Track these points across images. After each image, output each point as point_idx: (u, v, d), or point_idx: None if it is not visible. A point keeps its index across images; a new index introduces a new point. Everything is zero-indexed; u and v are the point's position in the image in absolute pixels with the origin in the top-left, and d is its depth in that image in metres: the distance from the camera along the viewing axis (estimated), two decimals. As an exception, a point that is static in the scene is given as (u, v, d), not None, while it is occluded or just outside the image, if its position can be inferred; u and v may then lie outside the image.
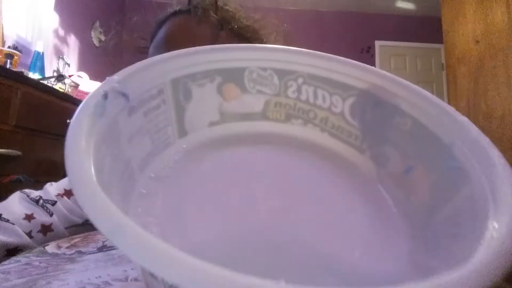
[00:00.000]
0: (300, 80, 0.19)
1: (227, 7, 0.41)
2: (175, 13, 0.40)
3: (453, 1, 2.30)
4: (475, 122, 0.30)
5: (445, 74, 2.57)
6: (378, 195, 0.16)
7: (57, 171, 1.44)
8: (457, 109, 0.32)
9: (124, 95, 0.14)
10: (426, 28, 3.65)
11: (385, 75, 0.17)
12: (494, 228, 0.09)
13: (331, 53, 0.24)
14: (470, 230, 0.09)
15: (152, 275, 0.10)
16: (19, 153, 1.27)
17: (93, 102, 0.12)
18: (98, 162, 0.11)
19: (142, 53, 0.43)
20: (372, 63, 3.62)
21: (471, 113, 2.08)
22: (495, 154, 0.12)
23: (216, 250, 0.13)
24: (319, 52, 0.19)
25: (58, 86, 1.82)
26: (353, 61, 0.18)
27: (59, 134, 1.50)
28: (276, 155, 0.19)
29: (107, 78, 0.14)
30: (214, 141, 0.19)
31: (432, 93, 0.24)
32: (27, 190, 0.46)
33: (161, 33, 0.39)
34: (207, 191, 0.16)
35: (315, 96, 0.19)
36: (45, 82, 1.65)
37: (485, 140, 0.13)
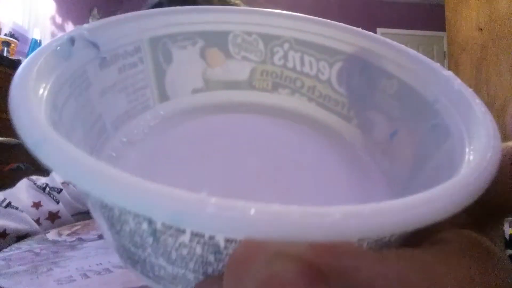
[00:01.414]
0: (286, 46, 0.18)
1: None
2: (170, 1, 0.40)
3: None
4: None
5: (447, 63, 2.57)
6: (363, 163, 0.16)
7: None
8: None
9: (95, 45, 0.14)
10: (428, 15, 3.62)
11: (372, 36, 0.17)
12: (468, 161, 0.09)
13: None
14: (446, 178, 0.09)
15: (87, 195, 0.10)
16: (18, 141, 1.25)
17: (55, 44, 0.12)
18: (55, 97, 0.11)
19: None
20: None
21: None
22: (476, 103, 0.12)
23: None
24: (305, 15, 0.18)
25: None
26: (340, 24, 0.17)
27: None
28: (261, 125, 0.18)
29: (77, 26, 0.14)
30: (196, 109, 0.18)
31: None
32: (33, 177, 0.47)
33: None
34: (182, 157, 0.15)
35: (302, 62, 0.18)
36: None
37: (467, 91, 0.13)
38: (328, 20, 0.18)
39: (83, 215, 0.47)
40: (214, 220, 0.06)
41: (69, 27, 2.52)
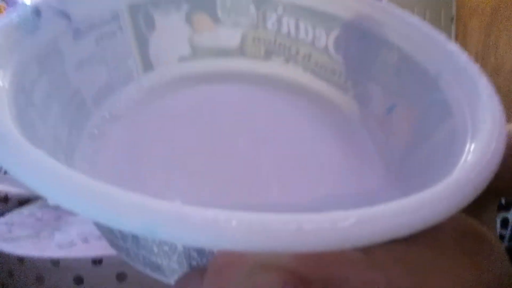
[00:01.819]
0: (280, 10, 0.17)
1: None
2: None
3: None
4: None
5: (454, 28, 2.54)
6: (358, 137, 0.16)
7: None
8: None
9: (65, 15, 0.13)
10: None
11: (373, 3, 0.16)
12: (470, 150, 0.09)
13: None
14: (445, 162, 0.09)
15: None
16: None
17: (16, 17, 0.11)
18: (21, 78, 0.10)
19: None
20: None
21: (479, 66, 2.01)
22: (482, 83, 0.11)
23: (172, 191, 0.12)
24: None
25: None
26: None
27: None
28: (253, 95, 0.18)
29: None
30: (183, 79, 0.17)
31: None
32: None
33: None
34: (168, 135, 0.15)
35: (297, 28, 0.17)
36: None
37: (473, 69, 0.12)
38: None
39: None
40: (190, 234, 0.06)
41: None
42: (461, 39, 1.84)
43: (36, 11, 0.11)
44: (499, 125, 0.09)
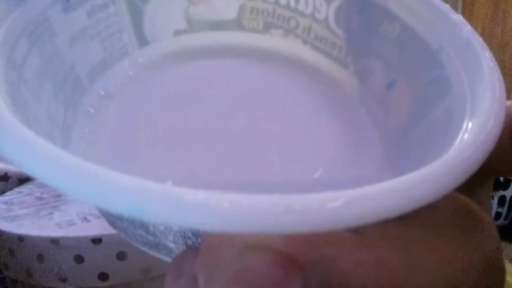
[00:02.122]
0: None
1: None
2: None
3: None
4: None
5: (461, 1, 2.48)
6: (357, 114, 0.16)
7: None
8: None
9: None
10: None
11: None
12: (467, 129, 0.09)
13: None
14: (443, 140, 0.09)
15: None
16: None
17: None
18: (11, 52, 0.09)
19: None
20: None
21: (485, 41, 1.96)
22: (485, 58, 0.11)
23: (170, 169, 0.12)
24: None
25: None
26: None
27: None
28: (251, 69, 0.17)
29: None
30: (179, 53, 0.17)
31: None
32: None
33: None
34: (165, 112, 0.15)
35: None
36: None
37: (477, 41, 0.12)
38: None
39: None
40: (181, 216, 0.06)
41: None
42: (469, 11, 1.80)
43: None
44: (498, 103, 0.09)
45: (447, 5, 0.13)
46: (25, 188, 0.46)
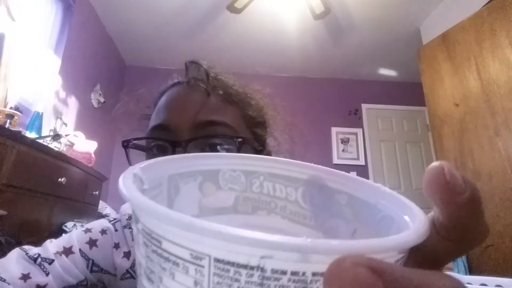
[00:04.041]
0: (261, 178, 0.23)
1: (219, 77, 0.49)
2: (174, 84, 0.49)
3: (431, 69, 2.47)
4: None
5: (431, 135, 2.65)
6: None
7: (40, 232, 1.48)
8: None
9: (141, 181, 0.18)
10: (409, 92, 3.95)
11: (319, 168, 0.22)
12: (409, 234, 0.13)
13: (321, 115, 0.43)
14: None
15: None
16: (4, 212, 1.22)
17: (130, 175, 0.16)
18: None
19: (146, 119, 0.49)
20: (360, 125, 3.95)
21: (459, 172, 1.87)
22: (403, 198, 0.17)
23: None
24: (274, 157, 0.24)
25: (53, 145, 1.81)
26: (297, 162, 0.23)
27: (48, 193, 1.55)
28: None
29: (131, 167, 0.17)
30: None
31: (421, 153, 0.40)
32: (26, 247, 0.46)
33: (163, 100, 0.46)
34: None
35: (274, 189, 0.23)
36: (41, 141, 1.66)
37: (394, 193, 0.18)
38: (289, 160, 0.24)
39: None
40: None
41: (71, 101, 2.60)
42: (439, 145, 2.03)
43: (134, 175, 0.16)
44: (421, 214, 0.14)
45: (369, 180, 0.20)
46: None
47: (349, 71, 3.94)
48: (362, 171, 3.70)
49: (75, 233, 0.48)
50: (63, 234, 0.49)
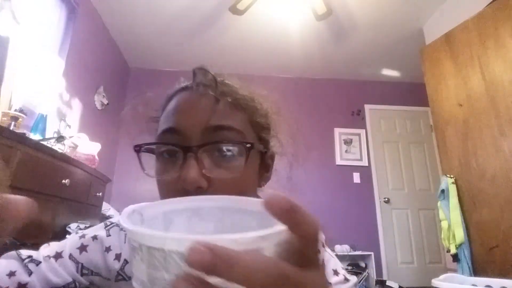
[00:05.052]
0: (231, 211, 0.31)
1: (226, 82, 0.49)
2: (182, 89, 0.49)
3: (434, 69, 2.45)
4: (469, 181, 0.80)
5: (434, 135, 2.63)
6: None
7: (44, 233, 1.47)
8: (450, 169, 0.88)
9: (141, 215, 0.27)
10: (412, 92, 3.95)
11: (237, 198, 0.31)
12: None
13: (324, 116, 0.71)
14: None
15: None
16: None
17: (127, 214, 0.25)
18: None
19: (155, 122, 0.50)
20: (363, 125, 3.94)
21: (463, 173, 2.11)
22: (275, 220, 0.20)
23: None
24: (240, 197, 0.31)
25: (57, 147, 1.83)
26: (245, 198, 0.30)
27: (52, 195, 1.56)
28: None
29: (131, 206, 0.27)
30: None
31: (424, 153, 0.57)
32: (22, 250, 0.49)
33: (171, 105, 0.47)
34: None
35: (233, 218, 0.31)
36: (45, 142, 1.66)
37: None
38: (240, 197, 0.31)
39: None
40: None
41: (75, 102, 2.62)
42: (443, 146, 2.08)
43: (133, 211, 0.27)
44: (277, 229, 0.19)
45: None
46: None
47: (352, 71, 3.93)
48: (365, 172, 3.69)
49: (71, 239, 0.51)
50: (67, 236, 0.51)
